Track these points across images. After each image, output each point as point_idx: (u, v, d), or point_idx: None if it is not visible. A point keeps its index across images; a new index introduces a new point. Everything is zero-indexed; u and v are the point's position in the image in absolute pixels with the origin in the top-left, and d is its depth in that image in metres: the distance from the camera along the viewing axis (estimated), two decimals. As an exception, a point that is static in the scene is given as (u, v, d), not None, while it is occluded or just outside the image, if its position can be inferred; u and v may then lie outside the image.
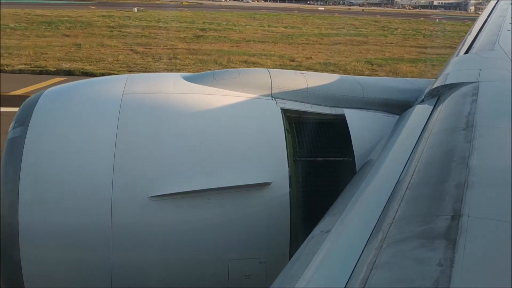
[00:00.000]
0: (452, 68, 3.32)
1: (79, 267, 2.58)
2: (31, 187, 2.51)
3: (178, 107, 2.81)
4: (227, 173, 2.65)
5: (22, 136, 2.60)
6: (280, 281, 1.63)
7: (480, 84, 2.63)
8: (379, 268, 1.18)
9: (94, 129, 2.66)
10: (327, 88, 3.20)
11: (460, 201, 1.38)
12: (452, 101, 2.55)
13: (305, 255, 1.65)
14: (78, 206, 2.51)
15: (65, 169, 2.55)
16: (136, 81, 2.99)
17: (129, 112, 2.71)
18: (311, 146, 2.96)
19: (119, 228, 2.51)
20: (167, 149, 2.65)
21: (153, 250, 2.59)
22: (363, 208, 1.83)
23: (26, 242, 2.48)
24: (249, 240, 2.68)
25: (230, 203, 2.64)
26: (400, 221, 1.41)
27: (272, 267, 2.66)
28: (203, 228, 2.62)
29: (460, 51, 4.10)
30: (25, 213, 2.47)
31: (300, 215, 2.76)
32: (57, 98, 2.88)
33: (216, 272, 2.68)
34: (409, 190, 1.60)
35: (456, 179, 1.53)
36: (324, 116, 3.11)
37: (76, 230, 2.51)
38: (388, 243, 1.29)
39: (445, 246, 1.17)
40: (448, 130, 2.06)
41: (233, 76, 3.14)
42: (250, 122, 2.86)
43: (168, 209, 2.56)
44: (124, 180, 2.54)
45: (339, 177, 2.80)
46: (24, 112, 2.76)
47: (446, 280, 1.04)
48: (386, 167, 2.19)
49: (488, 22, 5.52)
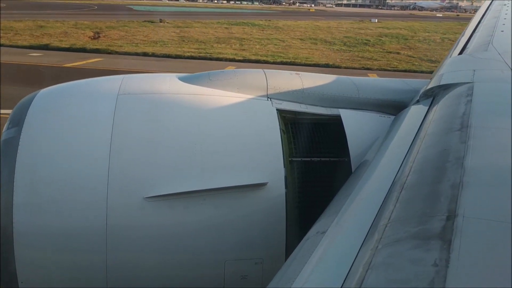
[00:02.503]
0: (446, 68, 3.34)
1: (74, 269, 2.56)
2: (25, 188, 2.49)
3: (174, 107, 2.80)
4: (223, 173, 2.65)
5: (16, 137, 2.58)
6: (276, 281, 1.63)
7: (475, 85, 2.64)
8: (375, 269, 1.18)
9: (89, 130, 2.65)
10: (323, 89, 3.20)
11: (455, 202, 1.38)
12: (447, 102, 2.56)
13: (301, 256, 1.65)
14: (73, 207, 2.50)
15: (60, 170, 2.54)
16: (131, 82, 2.98)
17: (124, 113, 2.70)
18: (307, 147, 2.97)
19: (114, 229, 2.50)
20: (162, 149, 2.64)
21: (148, 251, 2.58)
22: (359, 209, 1.83)
23: (20, 244, 2.46)
24: (245, 241, 2.68)
25: (225, 204, 2.64)
26: (396, 221, 1.41)
27: (268, 268, 2.66)
28: (199, 229, 2.61)
29: (454, 51, 4.12)
30: (19, 214, 2.45)
31: (296, 215, 2.76)
32: (51, 98, 2.86)
33: (212, 273, 2.67)
34: (405, 190, 1.60)
35: (451, 179, 1.53)
36: (320, 116, 3.11)
37: (71, 231, 2.50)
38: (383, 244, 1.29)
39: (441, 246, 1.17)
40: (443, 131, 2.07)
41: (229, 76, 3.14)
42: (245, 122, 2.86)
43: (164, 210, 2.55)
44: (119, 181, 2.53)
45: (335, 178, 2.80)
46: (18, 112, 2.74)
47: (442, 281, 1.05)
48: (381, 167, 2.20)
49: (482, 23, 5.55)
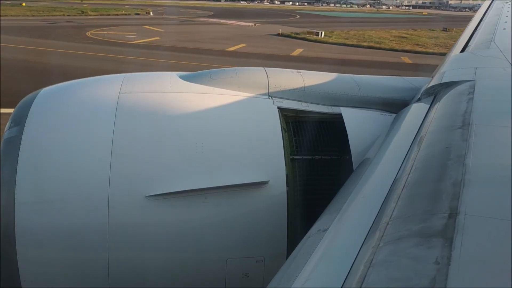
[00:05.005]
0: (448, 66, 3.33)
1: (76, 267, 2.57)
2: (27, 187, 2.49)
3: (175, 106, 2.80)
4: (224, 172, 2.65)
5: (18, 136, 2.59)
6: (277, 280, 1.63)
7: (476, 83, 2.64)
8: (376, 267, 1.18)
9: (90, 129, 2.65)
10: (324, 87, 3.20)
11: (456, 199, 1.38)
12: (448, 100, 2.55)
13: (303, 254, 1.65)
14: (75, 206, 2.50)
15: (62, 169, 2.54)
16: (132, 81, 2.98)
17: (125, 112, 2.70)
18: (308, 145, 2.96)
19: (116, 228, 2.50)
20: (164, 148, 2.64)
21: (150, 250, 2.59)
22: (360, 207, 1.83)
23: (22, 242, 2.46)
24: (247, 239, 2.68)
25: (227, 202, 2.64)
26: (397, 219, 1.41)
27: (269, 266, 2.66)
28: (200, 227, 2.61)
29: (456, 49, 4.11)
30: (21, 213, 2.46)
31: (297, 214, 2.76)
32: (53, 97, 2.86)
33: (213, 271, 2.67)
34: (406, 188, 1.60)
35: (453, 177, 1.53)
36: (321, 115, 3.11)
37: (73, 230, 2.50)
38: (385, 242, 1.29)
39: (442, 244, 1.17)
40: (445, 129, 2.06)
41: (230, 75, 3.13)
42: (247, 121, 2.85)
43: (165, 209, 2.55)
44: (121, 180, 2.53)
45: (336, 176, 2.80)
46: (20, 111, 2.75)
47: (443, 279, 1.05)
48: (383, 165, 2.19)
49: (483, 21, 5.54)
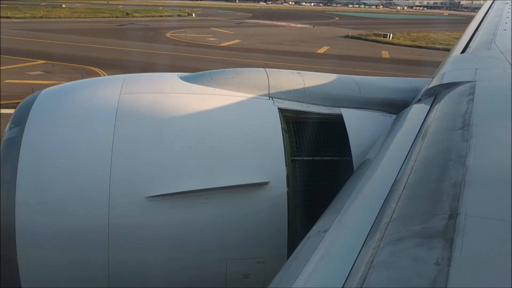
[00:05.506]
0: (448, 67, 3.33)
1: (77, 268, 2.57)
2: (27, 188, 2.49)
3: (175, 107, 2.80)
4: (225, 173, 2.65)
5: (18, 136, 2.59)
6: (278, 280, 1.63)
7: (477, 84, 2.64)
8: (377, 268, 1.18)
9: (91, 130, 2.65)
10: (324, 88, 3.20)
11: (457, 200, 1.38)
12: (448, 101, 2.55)
13: (303, 255, 1.65)
14: (75, 206, 2.50)
15: (62, 170, 2.54)
16: (133, 81, 2.98)
17: (126, 112, 2.70)
18: (309, 146, 2.96)
19: (116, 228, 2.50)
20: (164, 149, 2.64)
21: (150, 250, 2.59)
22: (361, 208, 1.83)
23: (23, 243, 2.47)
24: (247, 240, 2.68)
25: (227, 203, 2.64)
26: (398, 220, 1.41)
27: (270, 267, 2.66)
28: (201, 228, 2.61)
29: (456, 50, 4.11)
30: (21, 214, 2.46)
31: (297, 214, 2.76)
32: (54, 98, 2.87)
33: (214, 272, 2.67)
34: (406, 189, 1.60)
35: (453, 178, 1.53)
36: (322, 115, 3.11)
37: (74, 230, 2.50)
38: (385, 243, 1.29)
39: (443, 245, 1.17)
40: (445, 129, 2.06)
41: (231, 76, 3.13)
42: (247, 122, 2.85)
43: (166, 209, 2.55)
44: (122, 181, 2.53)
45: (337, 177, 2.80)
46: (20, 112, 2.75)
47: (444, 280, 1.04)
48: (383, 166, 2.19)
49: (484, 22, 5.54)
